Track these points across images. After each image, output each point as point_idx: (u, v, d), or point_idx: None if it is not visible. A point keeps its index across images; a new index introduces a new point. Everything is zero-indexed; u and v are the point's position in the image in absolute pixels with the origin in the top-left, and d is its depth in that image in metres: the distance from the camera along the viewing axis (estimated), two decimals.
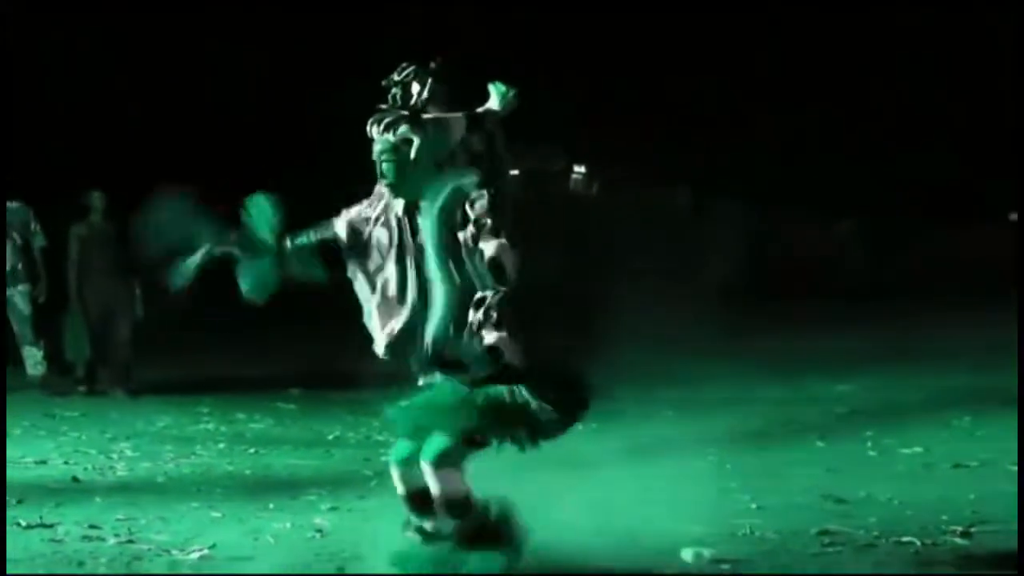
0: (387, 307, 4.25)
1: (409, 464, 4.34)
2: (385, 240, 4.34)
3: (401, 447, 4.40)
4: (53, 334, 10.08)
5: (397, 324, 4.21)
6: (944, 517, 4.96)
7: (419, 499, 4.35)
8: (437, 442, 4.16)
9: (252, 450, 7.52)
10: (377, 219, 4.39)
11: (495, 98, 4.43)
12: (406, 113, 4.28)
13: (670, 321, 11.70)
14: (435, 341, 4.11)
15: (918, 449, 6.64)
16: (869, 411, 8.06)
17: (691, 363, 9.82)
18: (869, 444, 6.94)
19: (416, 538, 4.35)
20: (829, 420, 7.88)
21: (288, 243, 4.34)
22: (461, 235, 4.11)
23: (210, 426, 8.53)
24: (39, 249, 9.99)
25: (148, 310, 10.09)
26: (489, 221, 4.08)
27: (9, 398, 8.96)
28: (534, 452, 6.03)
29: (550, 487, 5.68)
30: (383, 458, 7.40)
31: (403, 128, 4.27)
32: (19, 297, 9.83)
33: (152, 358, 10.57)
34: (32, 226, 9.96)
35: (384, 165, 4.28)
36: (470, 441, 4.16)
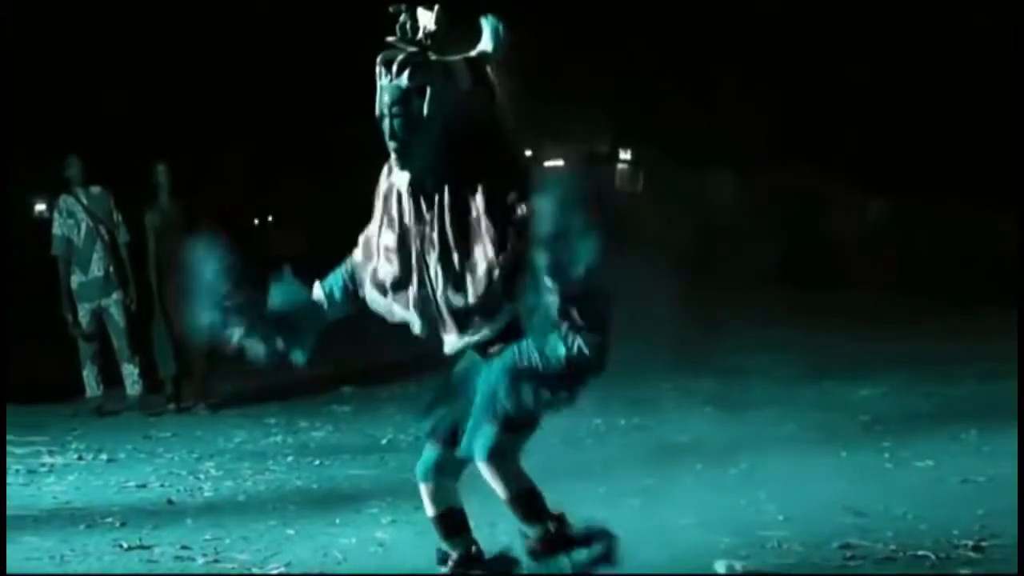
0: (400, 292, 3.59)
1: (439, 475, 3.78)
2: (393, 241, 3.55)
3: (427, 457, 3.81)
4: (146, 347, 9.23)
5: (412, 297, 3.56)
6: (955, 532, 4.97)
7: (451, 522, 3.86)
8: (483, 435, 3.52)
9: (317, 461, 7.75)
10: (381, 222, 3.60)
11: (487, 36, 3.53)
12: (420, 51, 3.37)
13: (711, 308, 11.76)
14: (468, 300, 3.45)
15: (929, 463, 6.56)
16: (888, 419, 7.91)
17: (729, 353, 9.81)
18: (887, 455, 6.87)
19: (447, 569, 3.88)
20: (853, 429, 7.76)
21: (321, 295, 3.80)
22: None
23: (278, 438, 8.75)
24: (124, 245, 8.78)
25: None
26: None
27: (110, 421, 9.24)
28: (573, 456, 6.13)
29: (590, 493, 5.87)
30: None
31: (416, 71, 3.35)
32: (115, 307, 8.81)
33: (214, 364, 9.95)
34: (115, 216, 8.75)
35: (394, 120, 3.36)
36: (515, 423, 3.50)
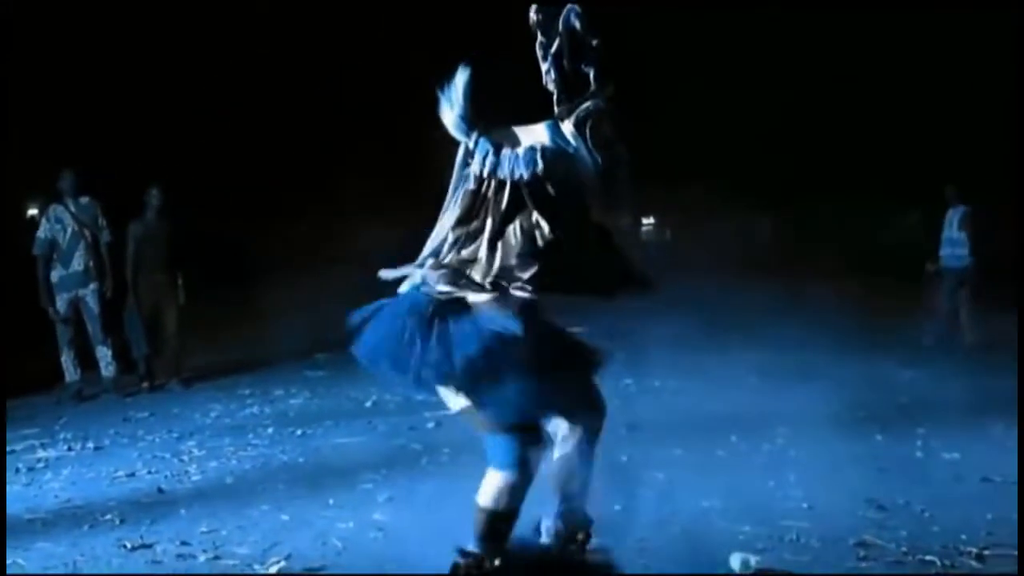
0: None
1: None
2: None
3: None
4: (119, 332, 9.59)
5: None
6: (963, 537, 4.77)
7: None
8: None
9: (299, 432, 7.50)
10: None
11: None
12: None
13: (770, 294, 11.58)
14: None
15: (956, 455, 6.24)
16: (925, 405, 7.63)
17: (781, 327, 9.58)
18: (919, 443, 6.59)
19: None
20: (891, 411, 7.46)
21: None
22: None
23: (255, 409, 8.54)
24: (105, 245, 9.32)
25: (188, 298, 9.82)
26: None
27: (91, 406, 9.11)
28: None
29: (610, 460, 5.64)
30: (428, 425, 7.46)
31: None
32: (91, 296, 9.22)
33: (189, 343, 10.33)
34: (100, 221, 9.29)
35: None
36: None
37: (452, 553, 3.83)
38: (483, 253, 3.46)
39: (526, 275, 3.43)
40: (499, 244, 3.43)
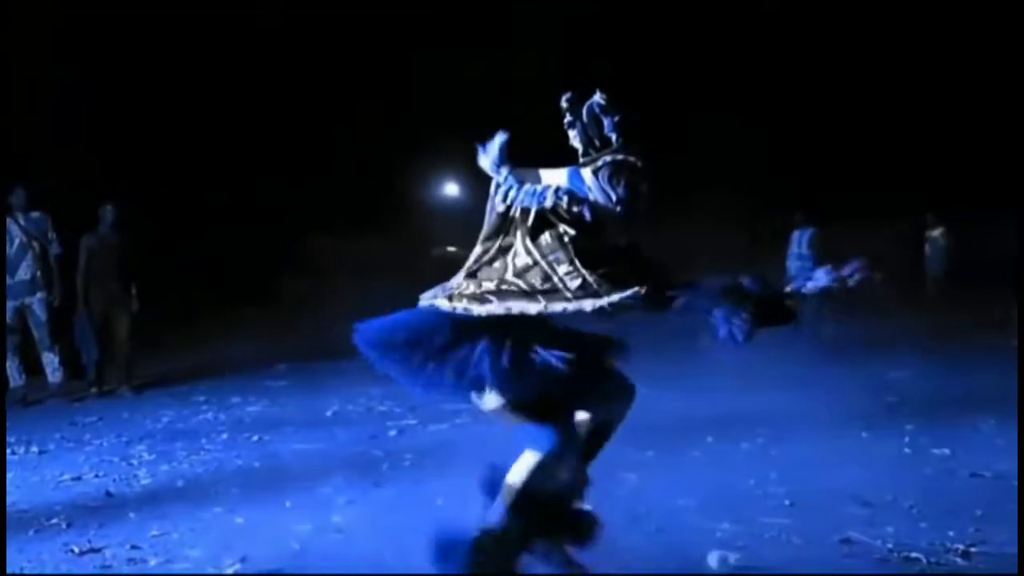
0: None
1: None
2: None
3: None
4: (68, 339, 9.65)
5: None
6: (951, 533, 4.57)
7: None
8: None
9: (255, 437, 7.25)
10: None
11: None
12: None
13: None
14: None
15: (946, 451, 6.08)
16: (914, 402, 7.47)
17: (766, 334, 9.30)
18: (907, 440, 6.42)
19: None
20: (877, 410, 7.29)
21: None
22: None
23: (209, 415, 8.27)
24: (55, 256, 9.50)
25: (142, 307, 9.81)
26: None
27: (36, 411, 8.89)
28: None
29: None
30: (390, 433, 7.31)
31: None
32: (37, 304, 9.34)
33: (143, 351, 10.27)
34: (49, 234, 9.47)
35: None
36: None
37: (414, 554, 3.72)
38: (521, 260, 3.74)
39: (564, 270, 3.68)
40: (532, 247, 3.72)
